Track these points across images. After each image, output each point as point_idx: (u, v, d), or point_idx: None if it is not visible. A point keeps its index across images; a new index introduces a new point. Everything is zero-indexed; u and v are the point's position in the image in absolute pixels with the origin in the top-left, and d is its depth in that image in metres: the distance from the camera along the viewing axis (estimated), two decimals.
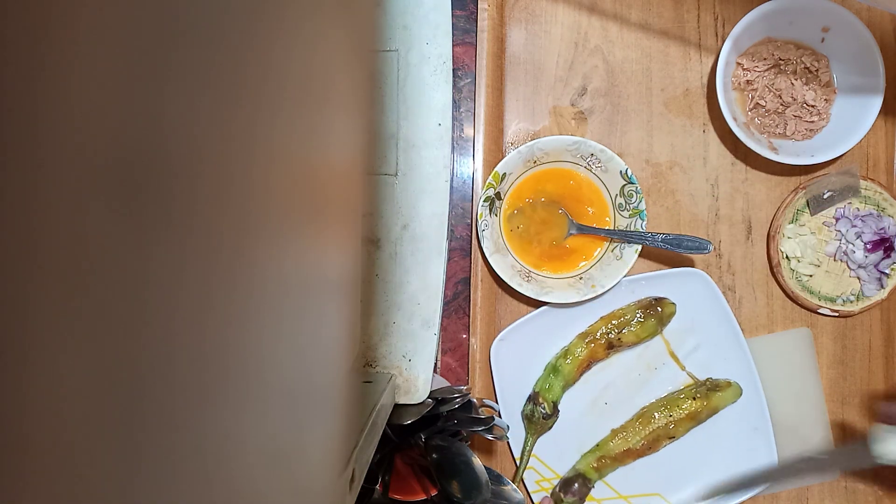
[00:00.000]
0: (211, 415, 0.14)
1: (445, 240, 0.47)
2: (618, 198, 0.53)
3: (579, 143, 0.52)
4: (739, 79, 0.55)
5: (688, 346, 0.55)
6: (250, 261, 0.15)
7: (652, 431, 0.53)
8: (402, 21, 0.47)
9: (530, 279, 0.53)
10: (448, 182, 0.47)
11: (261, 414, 0.17)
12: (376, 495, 0.43)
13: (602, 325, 0.54)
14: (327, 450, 0.25)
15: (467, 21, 0.55)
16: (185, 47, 0.11)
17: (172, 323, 0.12)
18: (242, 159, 0.15)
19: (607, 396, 0.56)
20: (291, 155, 0.19)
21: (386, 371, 0.46)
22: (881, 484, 0.57)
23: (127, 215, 0.10)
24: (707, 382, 0.54)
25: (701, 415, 0.53)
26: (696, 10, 0.57)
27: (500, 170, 0.52)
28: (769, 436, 0.54)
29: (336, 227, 0.26)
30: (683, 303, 0.54)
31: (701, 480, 0.55)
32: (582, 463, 0.54)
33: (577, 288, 0.53)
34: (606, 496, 0.55)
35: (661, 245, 0.51)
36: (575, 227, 0.54)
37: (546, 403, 0.53)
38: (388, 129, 0.46)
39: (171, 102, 0.11)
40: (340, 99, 0.25)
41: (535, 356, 0.55)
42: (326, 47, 0.23)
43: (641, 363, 0.56)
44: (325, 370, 0.25)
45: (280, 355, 0.18)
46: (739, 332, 0.54)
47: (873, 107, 0.52)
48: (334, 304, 0.26)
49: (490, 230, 0.52)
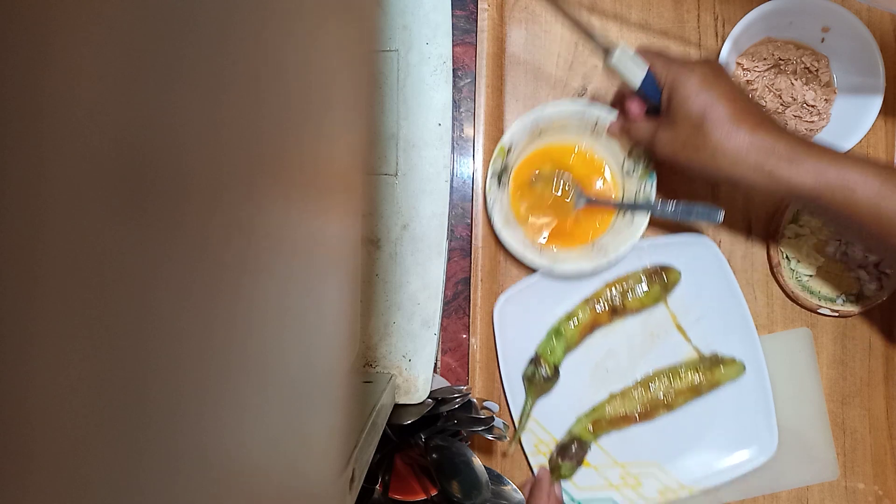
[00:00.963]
0: (211, 414, 0.14)
1: (445, 240, 0.47)
2: (626, 162, 0.53)
3: (584, 111, 0.51)
4: (739, 79, 0.55)
5: (692, 315, 0.55)
6: (251, 261, 0.15)
7: (650, 399, 0.53)
8: (402, 21, 0.47)
9: (542, 252, 0.52)
10: (448, 182, 0.47)
11: (261, 414, 0.17)
12: (376, 495, 0.43)
13: (607, 290, 0.54)
14: (327, 449, 0.25)
15: (467, 21, 0.55)
16: (191, 47, 0.11)
17: (174, 323, 0.12)
18: (244, 158, 0.15)
19: (608, 363, 0.56)
20: (292, 154, 0.19)
21: (386, 371, 0.46)
22: (881, 484, 0.57)
23: (129, 216, 0.10)
24: (712, 357, 0.54)
25: (702, 387, 0.53)
26: (696, 11, 0.57)
27: (504, 143, 0.51)
28: (769, 410, 0.54)
29: (337, 226, 0.26)
30: (689, 271, 0.54)
31: (698, 452, 0.55)
32: (577, 426, 0.54)
33: (590, 258, 0.52)
34: (603, 462, 0.55)
35: (672, 216, 0.51)
36: (584, 199, 0.53)
37: (547, 365, 0.53)
38: (388, 129, 0.46)
39: (174, 102, 0.11)
40: (341, 99, 0.25)
41: (539, 319, 0.55)
42: (327, 48, 0.23)
43: (645, 331, 0.56)
44: (326, 370, 0.25)
45: (280, 355, 0.19)
46: (744, 302, 0.54)
47: (873, 107, 0.52)
48: (334, 304, 0.26)
49: (499, 204, 0.52)
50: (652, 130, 0.46)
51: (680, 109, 0.43)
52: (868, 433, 0.57)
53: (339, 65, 0.25)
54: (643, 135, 0.47)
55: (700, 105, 0.42)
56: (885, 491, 0.57)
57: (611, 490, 0.54)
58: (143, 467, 0.11)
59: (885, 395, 0.57)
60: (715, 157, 0.42)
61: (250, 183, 0.15)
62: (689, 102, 0.43)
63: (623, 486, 0.54)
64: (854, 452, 0.57)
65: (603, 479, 0.54)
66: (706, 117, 0.42)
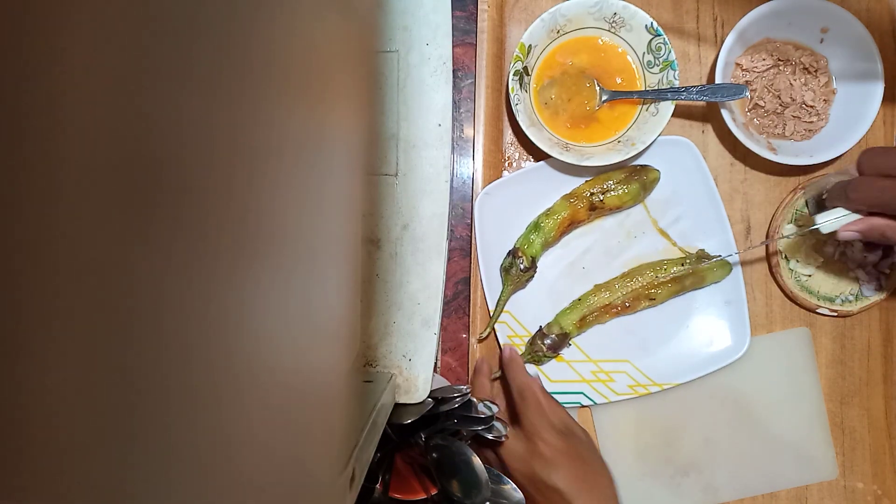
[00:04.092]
0: (211, 414, 0.14)
1: (445, 240, 0.47)
2: (646, 55, 0.53)
3: (601, 3, 0.51)
4: (738, 79, 0.55)
5: (669, 216, 0.56)
6: (251, 260, 0.16)
7: (634, 290, 0.54)
8: (403, 22, 0.47)
9: (569, 149, 0.52)
10: (448, 182, 0.47)
11: (261, 413, 0.17)
12: (376, 494, 0.43)
13: (587, 188, 0.54)
14: (328, 449, 0.26)
15: (467, 22, 0.55)
16: (193, 47, 0.11)
17: (175, 323, 0.12)
18: (244, 157, 0.15)
19: (585, 261, 0.56)
20: (293, 153, 0.19)
21: (386, 370, 0.46)
22: (880, 483, 0.57)
23: (131, 216, 0.10)
24: (698, 253, 0.55)
25: (686, 282, 0.54)
26: (695, 11, 0.57)
27: (525, 41, 0.51)
28: (742, 310, 0.54)
29: (337, 226, 0.26)
30: (668, 172, 0.55)
31: (669, 351, 0.55)
32: (564, 318, 0.54)
33: (617, 150, 0.52)
34: (577, 358, 0.56)
35: (697, 97, 0.51)
36: (607, 93, 0.53)
37: (525, 257, 0.53)
38: (388, 129, 0.47)
39: (177, 101, 0.11)
40: (341, 99, 0.25)
41: (519, 214, 0.55)
42: (327, 48, 0.23)
43: (622, 231, 0.56)
44: (326, 369, 0.25)
45: (280, 355, 0.19)
46: (721, 205, 0.54)
47: (872, 107, 0.52)
48: (335, 303, 0.26)
49: (523, 104, 0.52)
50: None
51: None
52: (867, 433, 0.57)
53: (340, 65, 0.25)
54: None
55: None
56: (884, 490, 0.57)
57: (582, 384, 0.55)
58: (142, 466, 0.11)
59: (884, 395, 0.57)
60: None
61: (251, 182, 0.15)
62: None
63: (595, 381, 0.55)
64: (853, 452, 0.57)
65: (575, 374, 0.55)
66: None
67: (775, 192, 0.57)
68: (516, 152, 0.57)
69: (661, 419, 0.56)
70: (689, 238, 0.56)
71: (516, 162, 0.57)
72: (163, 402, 0.11)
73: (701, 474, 0.56)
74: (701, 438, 0.56)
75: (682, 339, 0.55)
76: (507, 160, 0.57)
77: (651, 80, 0.53)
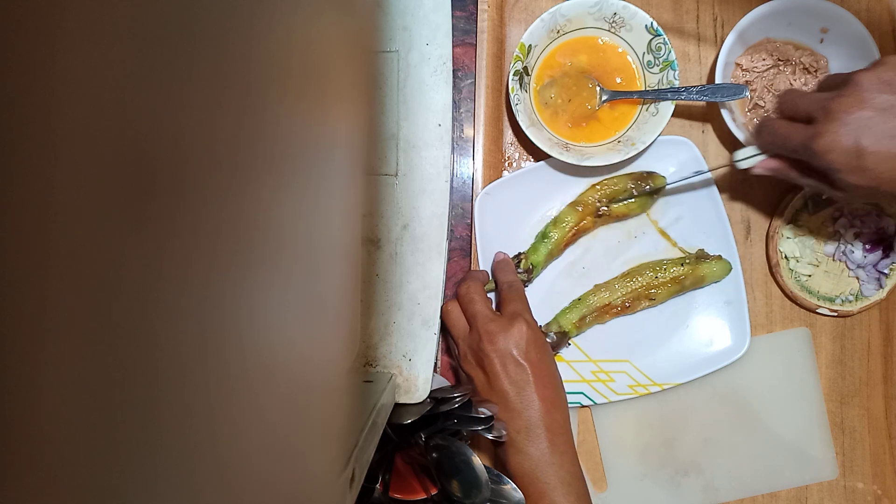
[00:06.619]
0: (210, 414, 0.14)
1: (445, 240, 0.47)
2: (646, 55, 0.53)
3: (601, 3, 0.52)
4: (738, 79, 0.55)
5: (669, 216, 0.56)
6: (251, 260, 0.16)
7: (634, 290, 0.54)
8: (403, 22, 0.47)
9: (569, 149, 0.52)
10: (448, 182, 0.47)
11: (261, 413, 0.17)
12: (376, 494, 0.43)
13: (592, 193, 0.54)
14: (328, 449, 0.26)
15: (467, 22, 0.55)
16: (192, 45, 0.11)
17: (170, 323, 0.12)
18: (244, 155, 0.15)
19: (585, 261, 0.56)
20: (293, 153, 0.19)
21: (386, 370, 0.46)
22: (880, 483, 0.57)
23: (126, 215, 0.10)
24: (698, 252, 0.55)
25: (685, 281, 0.53)
26: (695, 11, 0.57)
27: (525, 41, 0.51)
28: (742, 310, 0.54)
29: (337, 226, 0.26)
30: (668, 172, 0.55)
31: (669, 351, 0.55)
32: (563, 317, 0.54)
33: (617, 150, 0.52)
34: (577, 358, 0.56)
35: (697, 97, 0.51)
36: (607, 93, 0.53)
37: (524, 261, 0.53)
38: (388, 129, 0.47)
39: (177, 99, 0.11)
40: (341, 99, 0.25)
41: (519, 214, 0.55)
42: (327, 47, 0.23)
43: (622, 231, 0.56)
44: (326, 369, 0.25)
45: (279, 355, 0.19)
46: (721, 205, 0.54)
47: None
48: (335, 303, 0.26)
49: (522, 104, 0.52)
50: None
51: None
52: (867, 433, 0.57)
53: (341, 65, 0.25)
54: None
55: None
56: (884, 490, 0.57)
57: (582, 384, 0.55)
58: (142, 466, 0.11)
59: (884, 395, 0.57)
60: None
61: (250, 182, 0.15)
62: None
63: (595, 381, 0.55)
64: (853, 452, 0.57)
65: (575, 374, 0.55)
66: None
67: (775, 191, 0.57)
68: (516, 152, 0.57)
69: (661, 419, 0.56)
70: (689, 238, 0.56)
71: (516, 162, 0.57)
72: (155, 404, 0.11)
73: (701, 474, 0.56)
74: (701, 438, 0.56)
75: (682, 338, 0.55)
76: (507, 160, 0.57)
77: (651, 80, 0.53)
